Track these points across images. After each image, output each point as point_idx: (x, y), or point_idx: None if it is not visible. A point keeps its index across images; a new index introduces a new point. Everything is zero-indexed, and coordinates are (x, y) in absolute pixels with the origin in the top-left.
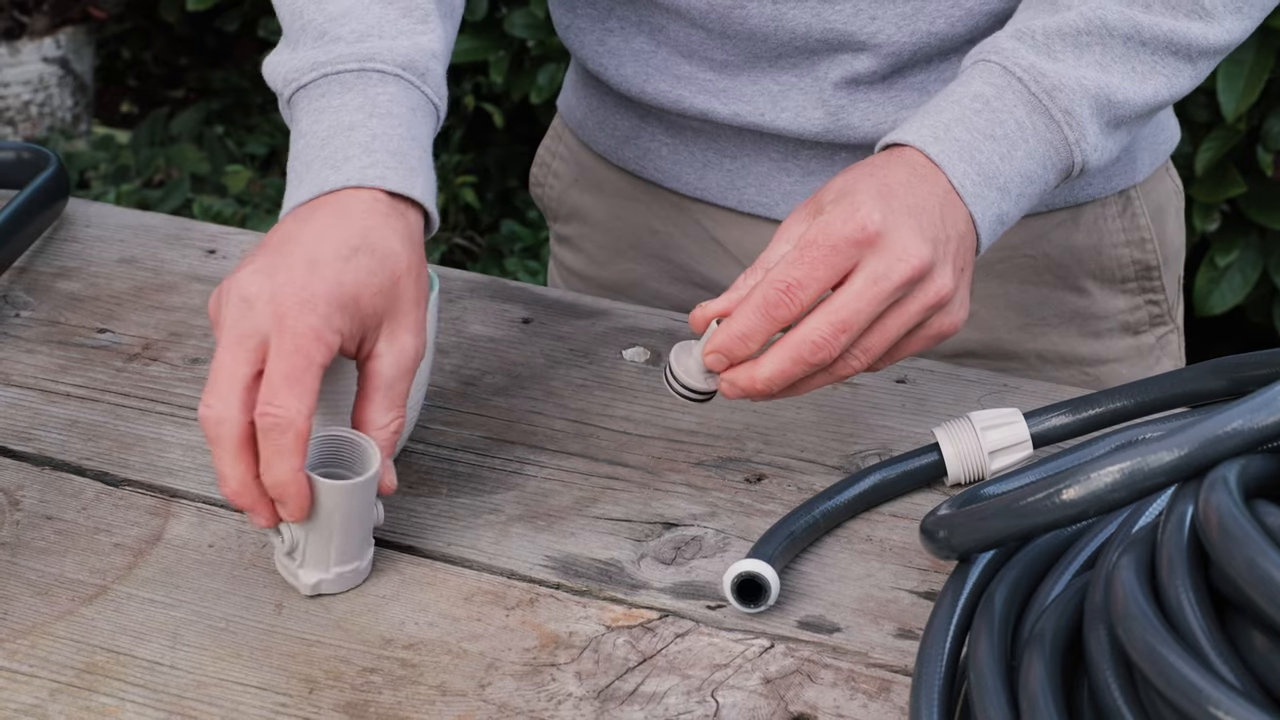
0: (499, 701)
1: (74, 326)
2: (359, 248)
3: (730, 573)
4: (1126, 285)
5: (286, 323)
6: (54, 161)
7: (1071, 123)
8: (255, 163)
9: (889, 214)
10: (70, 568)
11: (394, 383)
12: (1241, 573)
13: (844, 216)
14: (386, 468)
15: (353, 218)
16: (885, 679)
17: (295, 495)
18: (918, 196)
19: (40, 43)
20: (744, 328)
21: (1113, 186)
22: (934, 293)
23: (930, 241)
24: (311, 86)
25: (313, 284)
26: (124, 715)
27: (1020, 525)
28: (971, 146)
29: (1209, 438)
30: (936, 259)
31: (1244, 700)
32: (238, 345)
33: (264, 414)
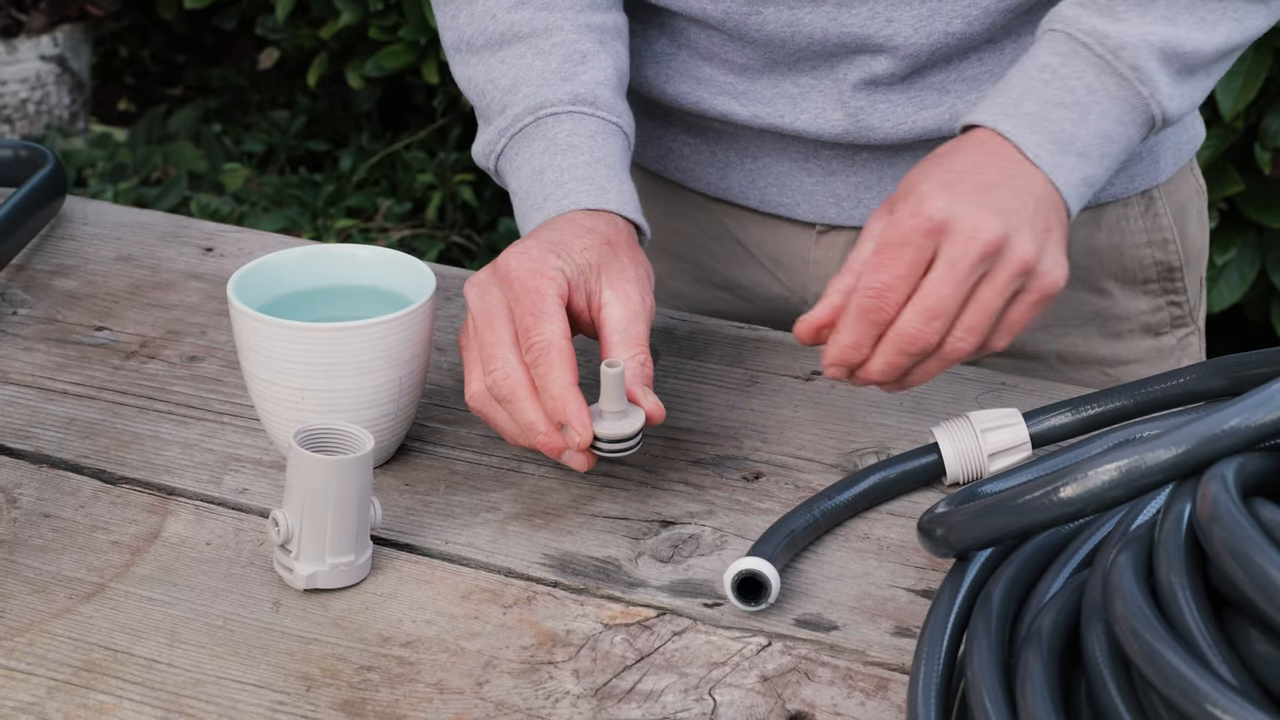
0: (496, 699)
1: (71, 324)
2: (562, 225)
3: (731, 571)
4: (1148, 286)
5: (512, 276)
6: (51, 159)
7: (1141, 78)
8: (253, 160)
9: (953, 199)
10: (68, 565)
11: (627, 325)
12: (1239, 571)
13: (911, 211)
14: (644, 395)
15: (556, 222)
16: (883, 677)
17: (575, 410)
18: (985, 174)
19: (37, 40)
20: (851, 338)
21: (1135, 186)
22: (1017, 260)
23: (1000, 214)
24: (506, 151)
25: (525, 243)
26: (122, 713)
27: (1018, 523)
28: (1041, 116)
29: (1206, 436)
30: (1010, 229)
31: (1241, 698)
32: (488, 317)
33: (528, 347)
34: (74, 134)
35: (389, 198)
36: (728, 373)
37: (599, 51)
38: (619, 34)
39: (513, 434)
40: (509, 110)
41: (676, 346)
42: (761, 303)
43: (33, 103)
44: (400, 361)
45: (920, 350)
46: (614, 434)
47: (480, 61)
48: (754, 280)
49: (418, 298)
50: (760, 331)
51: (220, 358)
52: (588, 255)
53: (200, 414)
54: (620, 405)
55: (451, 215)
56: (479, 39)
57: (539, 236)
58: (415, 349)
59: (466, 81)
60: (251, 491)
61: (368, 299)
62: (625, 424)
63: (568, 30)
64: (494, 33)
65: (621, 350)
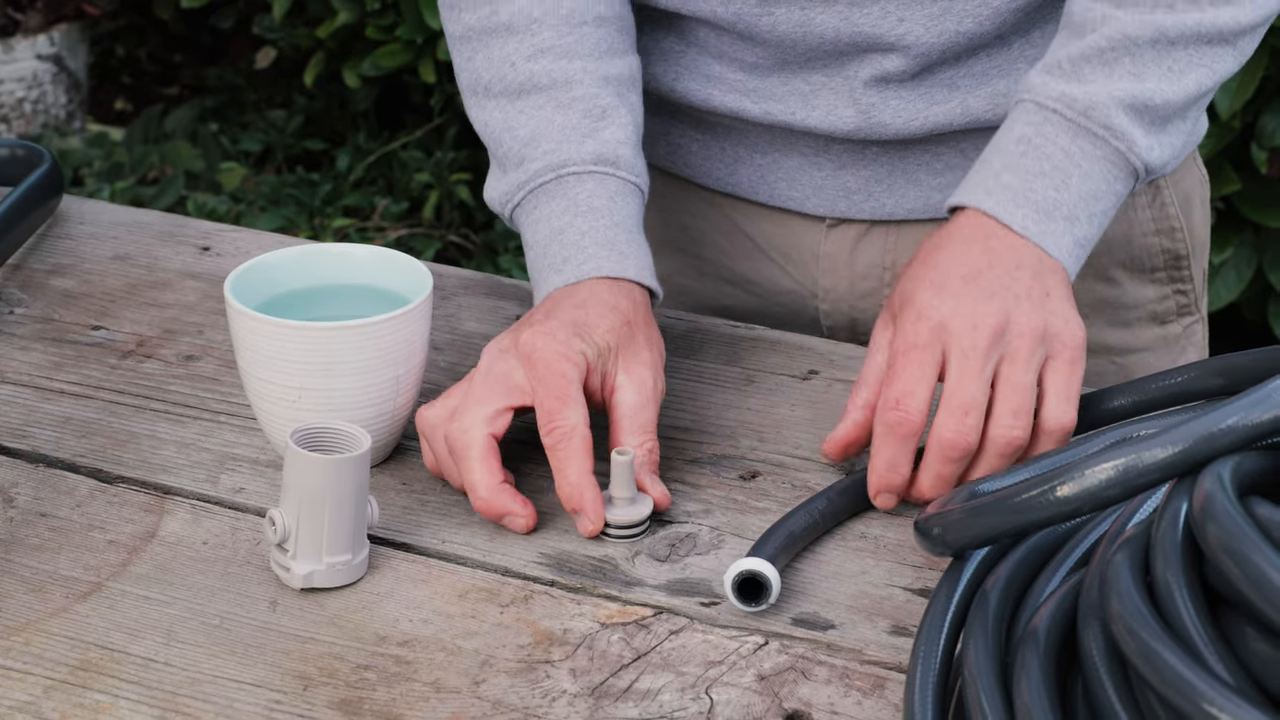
0: (493, 698)
1: (68, 324)
2: (586, 300)
3: (731, 571)
4: (1155, 275)
5: (536, 357)
6: (48, 159)
7: (1115, 135)
8: (249, 160)
9: (947, 297)
10: (64, 565)
11: (638, 410)
12: (1235, 569)
13: (913, 320)
14: (652, 483)
15: (578, 291)
16: (879, 676)
17: (591, 500)
18: (972, 261)
19: (34, 40)
20: (887, 459)
21: None
22: (1027, 331)
23: (993, 297)
24: (524, 204)
25: (549, 323)
26: (118, 712)
27: (1015, 522)
28: (1023, 188)
29: (1204, 434)
30: (1008, 307)
31: (1238, 697)
32: (488, 382)
33: (550, 429)
34: (70, 133)
35: (386, 197)
36: (724, 372)
37: (618, 106)
38: (634, 83)
39: (433, 467)
40: (528, 164)
41: (673, 345)
42: (770, 297)
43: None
44: (397, 360)
45: (963, 453)
46: (624, 520)
47: (498, 108)
48: (763, 274)
49: (415, 297)
50: (757, 331)
51: (217, 357)
52: (608, 338)
53: (197, 413)
54: (630, 492)
55: (448, 214)
56: (496, 85)
57: (562, 315)
58: (412, 348)
59: (483, 125)
60: (248, 491)
61: (365, 298)
62: (634, 511)
63: (587, 84)
64: (512, 81)
65: (631, 437)
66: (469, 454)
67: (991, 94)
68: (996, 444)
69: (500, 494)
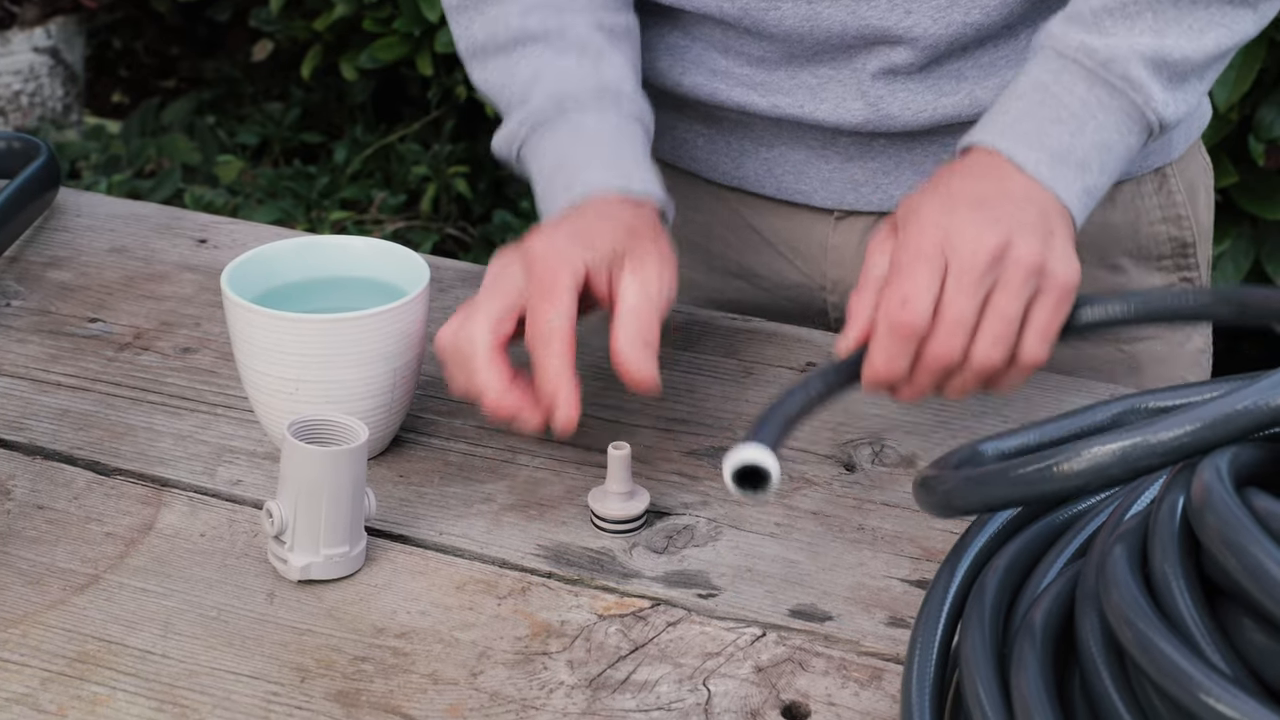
0: (491, 690)
1: (65, 316)
2: (589, 212)
3: (731, 461)
4: (1162, 263)
5: (533, 258)
6: (45, 151)
7: (1133, 87)
8: (247, 153)
9: (953, 217)
10: (61, 557)
11: (638, 308)
12: (1234, 561)
13: (917, 231)
14: (640, 358)
15: (584, 208)
16: (877, 667)
17: (565, 395)
18: (982, 190)
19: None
20: (886, 356)
21: (1149, 164)
22: (1024, 262)
23: (997, 223)
24: (529, 139)
25: (552, 233)
26: (115, 704)
27: (1016, 494)
28: (1038, 132)
29: (1217, 418)
30: (1011, 235)
31: (1235, 687)
32: (490, 287)
33: (534, 327)
34: (68, 126)
35: (383, 190)
36: (722, 364)
37: (612, 50)
38: (630, 35)
39: (458, 389)
40: (531, 100)
41: (671, 338)
42: (778, 290)
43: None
44: (394, 353)
45: (944, 366)
46: (620, 515)
47: (496, 64)
48: (770, 268)
49: (412, 289)
50: (755, 323)
51: (214, 349)
52: (611, 243)
53: (194, 405)
54: (626, 487)
55: (446, 207)
56: (492, 44)
57: (566, 224)
58: (409, 340)
59: (484, 84)
60: (245, 483)
61: (362, 290)
62: (630, 506)
63: (580, 29)
64: (507, 37)
65: (626, 340)
66: (474, 359)
67: (999, 85)
68: (973, 365)
69: (508, 395)
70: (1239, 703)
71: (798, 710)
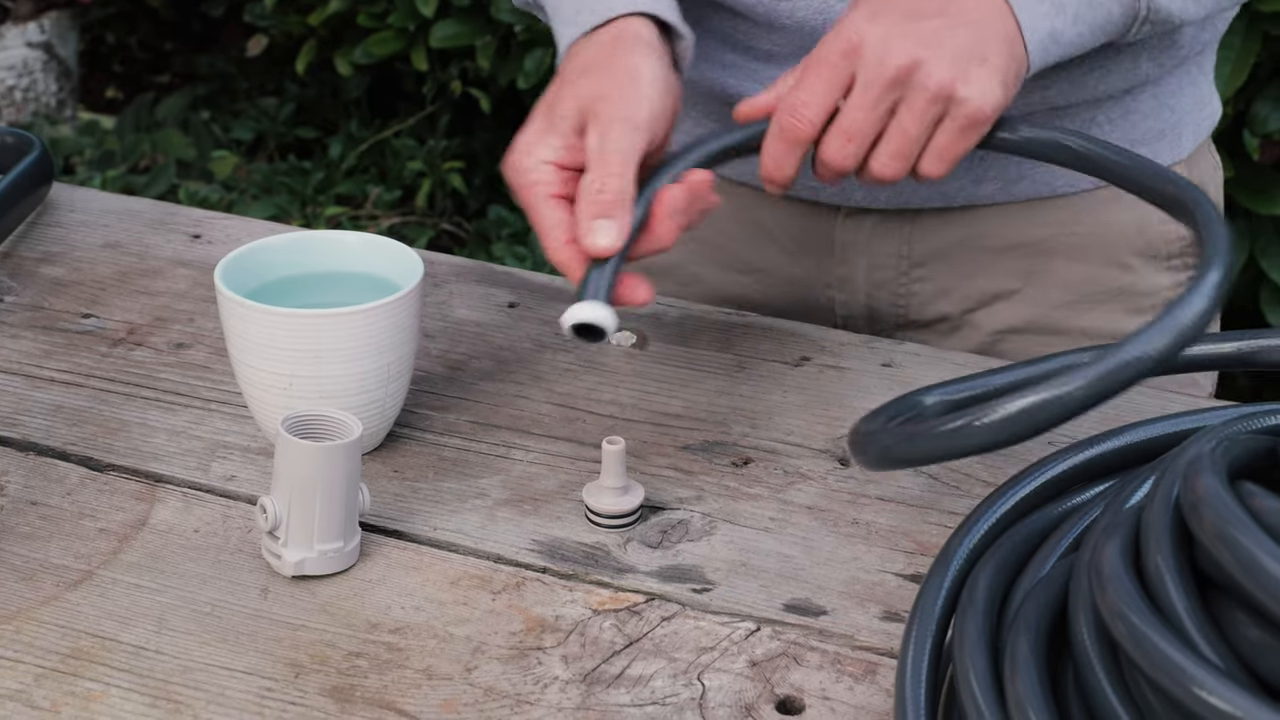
0: (485, 685)
1: (58, 312)
2: (567, 71)
3: (566, 320)
4: (1171, 262)
5: (508, 174)
6: (38, 146)
7: None
8: (241, 148)
9: (875, 24)
10: (55, 553)
11: (600, 149)
12: (1227, 554)
13: (834, 34)
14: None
15: (565, 69)
16: (871, 661)
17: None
18: (922, 4)
19: (24, 27)
20: (774, 158)
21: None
22: (932, 86)
23: (916, 40)
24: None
25: (526, 128)
26: (109, 700)
27: (943, 449)
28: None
29: (1110, 370)
30: (924, 56)
31: (1228, 681)
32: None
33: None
34: (61, 121)
35: (378, 185)
36: (716, 358)
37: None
38: None
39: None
40: None
41: (664, 332)
42: (783, 285)
43: (20, 90)
44: (388, 348)
45: (837, 171)
46: (614, 510)
47: None
48: (775, 263)
49: (406, 284)
50: (749, 317)
51: (208, 345)
52: (571, 111)
53: (188, 401)
54: (620, 481)
55: (441, 203)
56: None
57: (537, 113)
58: (403, 335)
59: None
60: (240, 478)
61: (356, 285)
62: (625, 501)
63: None
64: None
65: (591, 172)
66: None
67: None
68: (868, 176)
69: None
70: (1232, 696)
71: (792, 704)
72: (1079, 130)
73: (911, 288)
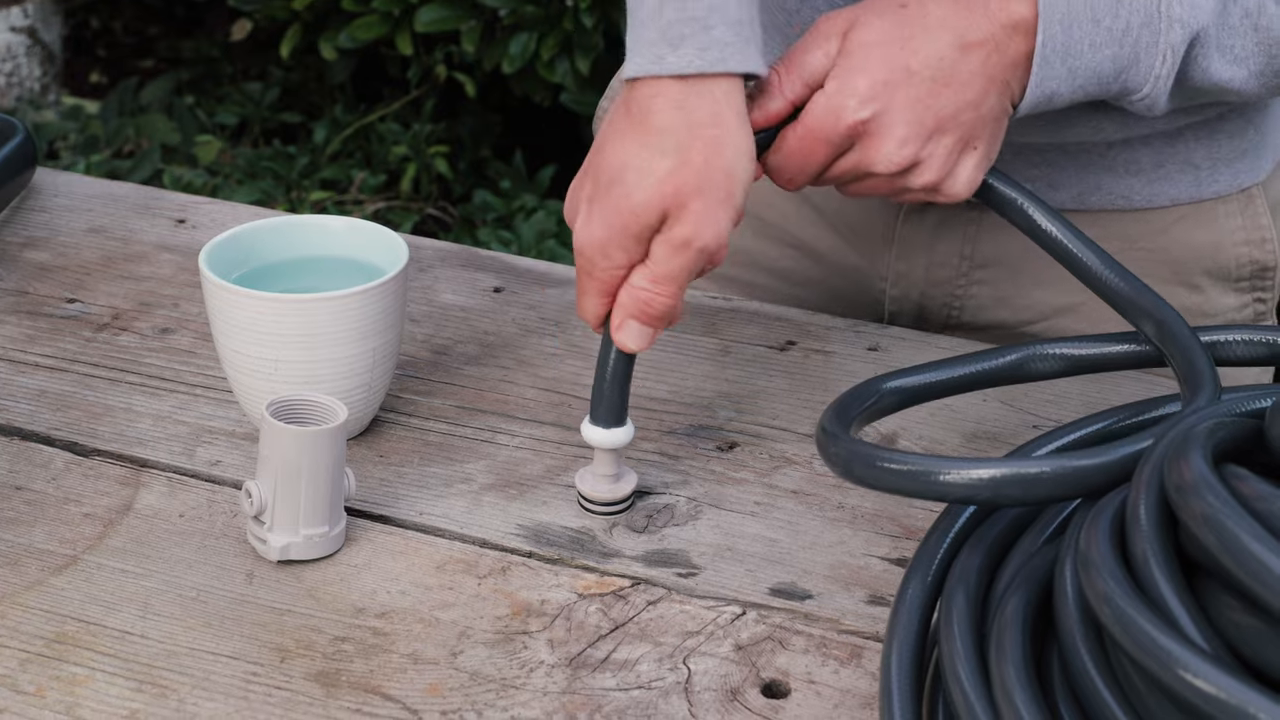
0: (471, 669)
1: (43, 296)
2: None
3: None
4: (1239, 284)
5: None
6: (21, 131)
7: (1169, 58)
8: (226, 133)
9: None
10: (40, 538)
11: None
12: (1212, 537)
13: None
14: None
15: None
16: (857, 645)
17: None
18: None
19: (8, 12)
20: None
21: (1238, 184)
22: (919, 184)
23: (917, 134)
24: None
25: (587, 215)
26: (94, 684)
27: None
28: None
29: (1087, 468)
30: (922, 156)
31: (1213, 663)
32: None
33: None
34: (45, 106)
35: (363, 170)
36: (701, 342)
37: None
38: None
39: None
40: None
41: None
42: (834, 270)
43: (3, 74)
44: (373, 332)
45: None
46: (606, 497)
47: None
48: (828, 245)
49: (391, 268)
50: (734, 302)
51: (192, 330)
52: (650, 208)
53: (173, 386)
54: (614, 469)
55: (426, 187)
56: None
57: (606, 163)
58: (388, 320)
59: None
60: (225, 463)
61: (341, 270)
62: (617, 488)
63: None
64: None
65: (649, 281)
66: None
67: None
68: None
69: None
70: (1218, 679)
71: (778, 688)
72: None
73: (970, 290)
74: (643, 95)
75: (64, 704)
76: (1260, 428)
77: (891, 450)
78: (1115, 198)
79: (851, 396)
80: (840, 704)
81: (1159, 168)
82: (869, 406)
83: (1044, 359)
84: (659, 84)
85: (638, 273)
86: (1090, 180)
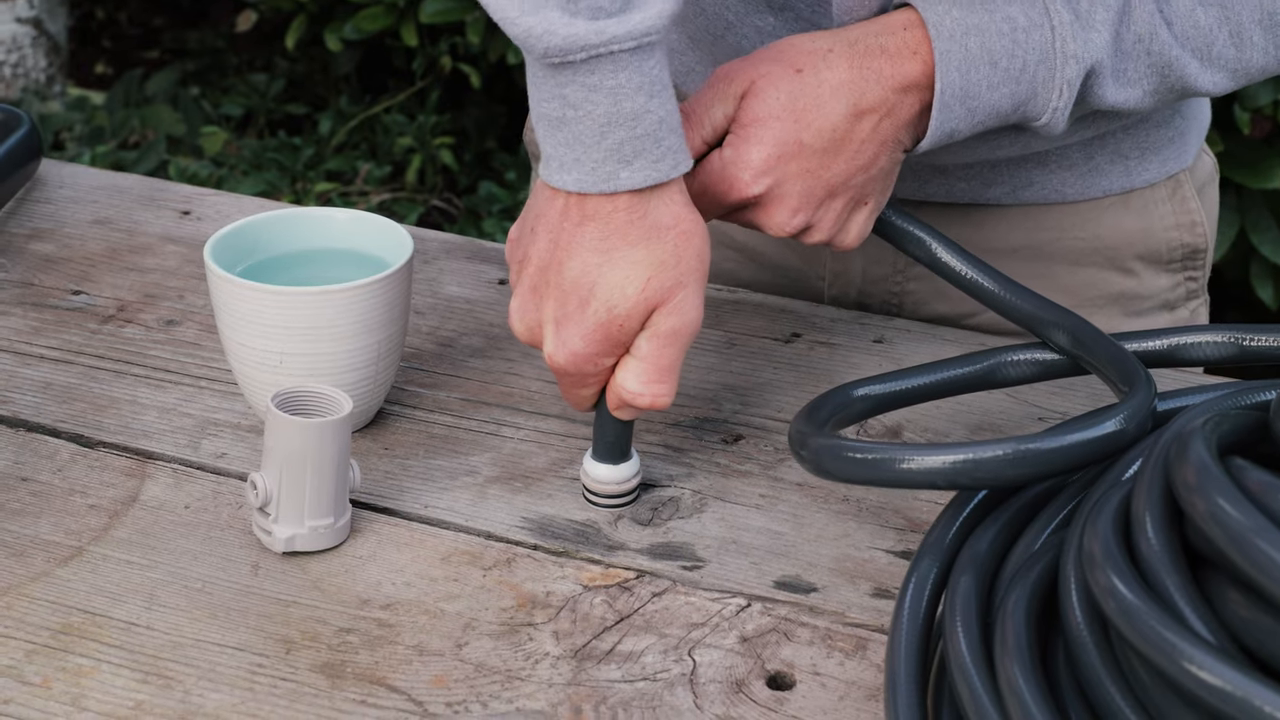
0: (476, 661)
1: (48, 288)
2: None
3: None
4: (1171, 265)
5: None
6: (27, 122)
7: (1065, 91)
8: (231, 124)
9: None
10: (45, 529)
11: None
12: (1218, 530)
13: (721, 174)
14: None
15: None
16: (862, 637)
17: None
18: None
19: (13, 3)
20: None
21: (1166, 171)
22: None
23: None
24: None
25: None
26: (100, 675)
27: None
28: (977, 41)
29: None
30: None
31: (1219, 656)
32: None
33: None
34: (51, 97)
35: (368, 161)
36: (706, 335)
37: None
38: None
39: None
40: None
41: None
42: (775, 270)
43: (9, 66)
44: (379, 325)
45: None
46: (612, 490)
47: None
48: (768, 246)
49: (396, 261)
50: (740, 294)
51: (198, 322)
52: (635, 314)
53: (178, 378)
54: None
55: (431, 179)
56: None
57: (585, 277)
58: (394, 312)
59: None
60: (230, 455)
61: (346, 262)
62: (622, 482)
63: None
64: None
65: (644, 377)
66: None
67: None
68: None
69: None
70: (1224, 671)
71: (783, 680)
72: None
73: (908, 286)
74: (598, 210)
75: (70, 695)
76: (1264, 420)
77: (856, 441)
78: (1049, 192)
79: (823, 400)
80: (845, 696)
81: (1089, 160)
82: (838, 414)
83: (1015, 365)
84: (613, 199)
85: (631, 377)
86: (1023, 176)
